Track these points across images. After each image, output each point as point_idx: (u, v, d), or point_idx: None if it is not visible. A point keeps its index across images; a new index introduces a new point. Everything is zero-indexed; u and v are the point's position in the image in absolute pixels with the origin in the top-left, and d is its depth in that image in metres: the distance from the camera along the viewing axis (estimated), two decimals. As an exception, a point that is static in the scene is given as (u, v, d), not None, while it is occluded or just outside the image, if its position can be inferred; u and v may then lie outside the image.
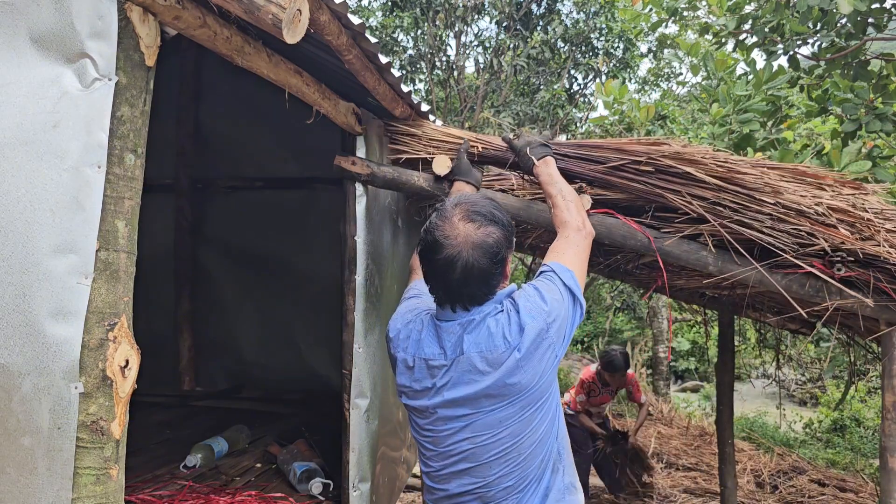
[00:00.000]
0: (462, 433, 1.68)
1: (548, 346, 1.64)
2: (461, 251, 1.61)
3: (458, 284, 1.64)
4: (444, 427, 1.71)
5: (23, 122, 1.33)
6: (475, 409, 1.65)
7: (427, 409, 1.72)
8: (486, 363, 1.63)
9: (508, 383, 1.61)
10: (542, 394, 1.67)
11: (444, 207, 1.69)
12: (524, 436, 1.66)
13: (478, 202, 1.70)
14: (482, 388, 1.63)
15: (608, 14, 8.82)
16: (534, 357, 1.62)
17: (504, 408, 1.64)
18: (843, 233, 2.14)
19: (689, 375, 14.19)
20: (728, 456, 4.47)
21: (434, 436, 1.74)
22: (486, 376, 1.62)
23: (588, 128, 8.59)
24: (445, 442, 1.72)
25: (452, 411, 1.68)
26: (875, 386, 8.74)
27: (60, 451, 1.31)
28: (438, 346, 1.70)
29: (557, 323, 1.66)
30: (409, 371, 1.75)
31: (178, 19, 1.48)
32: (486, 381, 1.62)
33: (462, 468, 1.71)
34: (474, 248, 1.61)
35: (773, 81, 4.27)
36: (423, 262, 1.71)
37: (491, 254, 1.63)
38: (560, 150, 2.45)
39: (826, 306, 2.18)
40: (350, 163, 2.49)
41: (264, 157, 4.61)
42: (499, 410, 1.64)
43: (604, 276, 4.05)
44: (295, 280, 4.64)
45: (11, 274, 1.31)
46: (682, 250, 2.34)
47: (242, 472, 2.97)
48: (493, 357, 1.62)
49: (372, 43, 1.97)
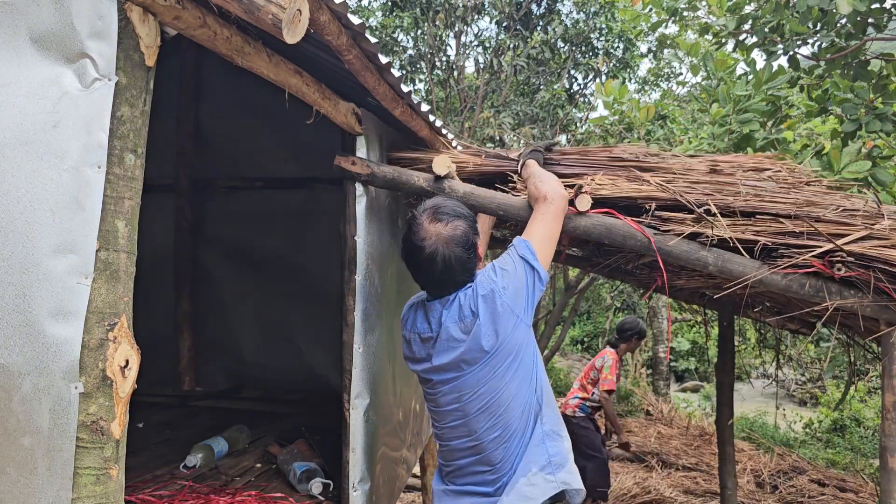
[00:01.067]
0: (451, 394, 2.01)
1: (504, 310, 1.93)
2: (437, 248, 1.94)
3: (441, 276, 1.98)
4: (438, 390, 2.05)
5: (23, 122, 1.33)
6: (457, 371, 1.98)
7: (426, 376, 2.08)
8: (459, 332, 1.96)
9: (477, 347, 1.93)
10: (509, 353, 1.95)
11: (413, 216, 2.02)
12: (500, 391, 1.96)
13: (440, 204, 2.03)
14: (459, 354, 1.96)
15: (608, 14, 8.82)
16: (494, 322, 1.92)
17: (479, 368, 1.95)
18: (842, 231, 2.15)
19: (689, 375, 14.19)
20: (728, 456, 4.47)
21: (434, 398, 2.08)
22: (461, 343, 1.95)
23: (588, 128, 8.58)
24: (441, 403, 2.06)
25: (441, 376, 2.02)
26: (875, 386, 8.74)
27: (60, 452, 1.31)
28: (426, 323, 2.06)
29: (510, 290, 1.95)
30: (411, 345, 2.13)
31: (178, 19, 1.48)
32: (461, 347, 1.95)
33: (456, 424, 2.03)
34: (447, 243, 1.94)
35: (773, 81, 4.27)
36: (408, 266, 2.07)
37: (462, 242, 1.96)
38: (552, 157, 2.69)
39: (826, 306, 2.17)
40: (350, 163, 2.49)
41: (264, 157, 4.60)
42: (476, 371, 1.96)
43: (604, 276, 4.05)
44: (295, 280, 4.64)
45: (11, 274, 1.31)
46: (682, 250, 2.34)
47: (242, 472, 2.97)
48: (464, 326, 1.95)
49: (372, 43, 1.97)
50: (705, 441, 7.70)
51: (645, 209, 2.44)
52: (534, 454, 1.98)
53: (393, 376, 2.94)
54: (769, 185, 2.46)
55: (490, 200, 2.54)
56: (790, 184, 2.49)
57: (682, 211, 2.40)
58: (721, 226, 2.28)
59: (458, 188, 2.58)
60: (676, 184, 2.46)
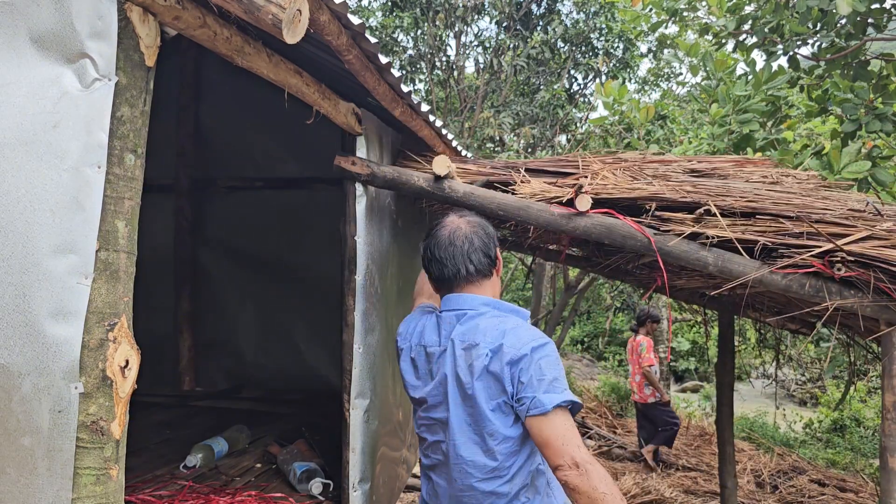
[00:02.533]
0: (441, 410, 1.84)
1: (499, 385, 1.72)
2: (459, 227, 1.90)
3: (462, 254, 1.86)
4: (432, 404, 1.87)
5: (23, 122, 1.33)
6: (452, 387, 1.80)
7: (425, 397, 1.88)
8: (464, 352, 1.78)
9: (468, 379, 1.76)
10: (488, 424, 1.74)
11: (438, 221, 1.98)
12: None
13: (463, 211, 2.02)
14: (455, 372, 1.78)
15: (608, 14, 8.82)
16: (485, 380, 1.73)
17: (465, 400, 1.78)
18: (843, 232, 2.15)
19: (689, 376, 14.18)
20: (728, 456, 4.47)
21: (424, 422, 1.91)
22: (459, 360, 1.78)
23: (588, 128, 8.58)
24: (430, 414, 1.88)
25: (439, 389, 1.84)
26: (875, 386, 8.74)
27: (60, 452, 1.31)
28: (437, 335, 1.89)
29: (526, 379, 1.68)
30: (412, 363, 1.94)
31: (178, 19, 1.48)
32: (460, 365, 1.78)
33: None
34: (469, 225, 1.91)
35: (773, 82, 4.27)
36: (430, 265, 1.92)
37: (483, 227, 1.92)
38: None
39: (826, 306, 2.17)
40: (350, 163, 2.49)
41: (264, 157, 4.61)
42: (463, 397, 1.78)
43: (604, 276, 4.05)
44: (295, 280, 4.64)
45: (11, 274, 1.31)
46: (682, 250, 2.34)
47: (242, 472, 2.97)
48: (471, 347, 1.77)
49: (372, 43, 1.97)
50: (705, 441, 7.70)
51: (645, 209, 2.44)
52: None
53: (393, 376, 2.94)
54: (769, 186, 2.46)
55: (490, 200, 2.54)
56: (790, 185, 2.49)
57: (682, 211, 2.40)
58: (721, 226, 2.28)
59: (458, 188, 2.58)
60: (680, 185, 2.46)
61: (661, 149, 6.31)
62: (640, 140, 6.32)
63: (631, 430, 8.10)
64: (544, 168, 2.80)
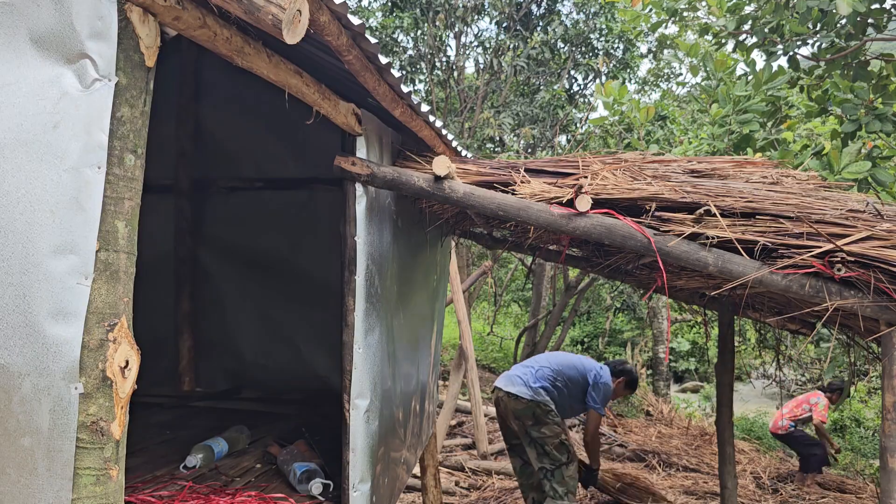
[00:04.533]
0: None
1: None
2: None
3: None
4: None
5: (23, 122, 1.33)
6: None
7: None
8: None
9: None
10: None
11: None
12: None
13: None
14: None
15: (608, 14, 8.83)
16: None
17: None
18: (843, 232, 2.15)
19: (689, 376, 14.18)
20: (728, 456, 4.47)
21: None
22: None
23: (588, 128, 8.58)
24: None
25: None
26: (875, 386, 8.73)
27: (60, 452, 1.31)
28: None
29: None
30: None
31: (178, 20, 1.48)
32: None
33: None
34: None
35: (773, 82, 4.27)
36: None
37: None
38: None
39: (826, 306, 2.17)
40: (350, 163, 2.49)
41: (264, 157, 4.60)
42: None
43: (604, 277, 4.06)
44: (295, 280, 4.64)
45: (11, 274, 1.31)
46: (682, 251, 2.34)
47: (242, 472, 2.97)
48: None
49: (372, 43, 1.97)
50: (705, 441, 7.70)
51: (645, 210, 2.44)
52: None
53: (393, 376, 2.94)
54: (769, 186, 2.46)
55: (490, 200, 2.54)
56: (790, 185, 2.49)
57: (682, 211, 2.40)
58: (721, 226, 2.28)
59: (458, 189, 2.58)
60: (680, 186, 2.46)
61: (661, 149, 6.32)
62: (640, 140, 6.32)
63: (631, 430, 8.10)
64: (544, 168, 2.80)
